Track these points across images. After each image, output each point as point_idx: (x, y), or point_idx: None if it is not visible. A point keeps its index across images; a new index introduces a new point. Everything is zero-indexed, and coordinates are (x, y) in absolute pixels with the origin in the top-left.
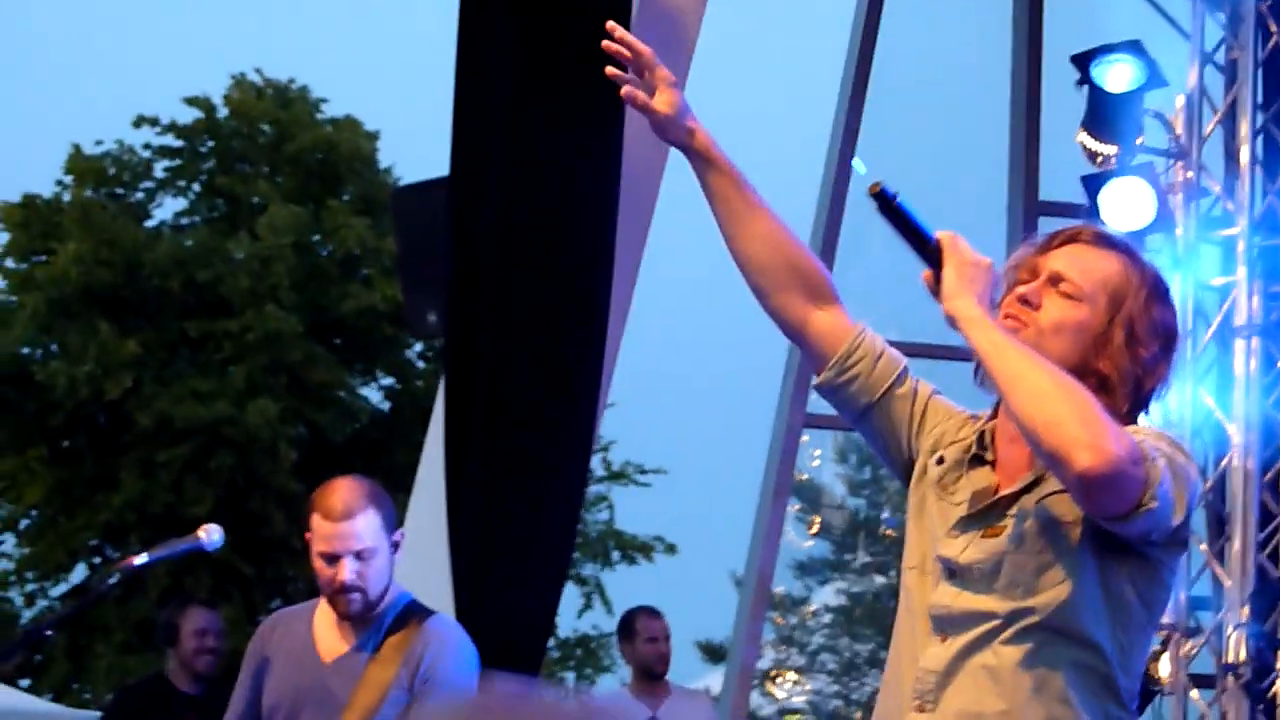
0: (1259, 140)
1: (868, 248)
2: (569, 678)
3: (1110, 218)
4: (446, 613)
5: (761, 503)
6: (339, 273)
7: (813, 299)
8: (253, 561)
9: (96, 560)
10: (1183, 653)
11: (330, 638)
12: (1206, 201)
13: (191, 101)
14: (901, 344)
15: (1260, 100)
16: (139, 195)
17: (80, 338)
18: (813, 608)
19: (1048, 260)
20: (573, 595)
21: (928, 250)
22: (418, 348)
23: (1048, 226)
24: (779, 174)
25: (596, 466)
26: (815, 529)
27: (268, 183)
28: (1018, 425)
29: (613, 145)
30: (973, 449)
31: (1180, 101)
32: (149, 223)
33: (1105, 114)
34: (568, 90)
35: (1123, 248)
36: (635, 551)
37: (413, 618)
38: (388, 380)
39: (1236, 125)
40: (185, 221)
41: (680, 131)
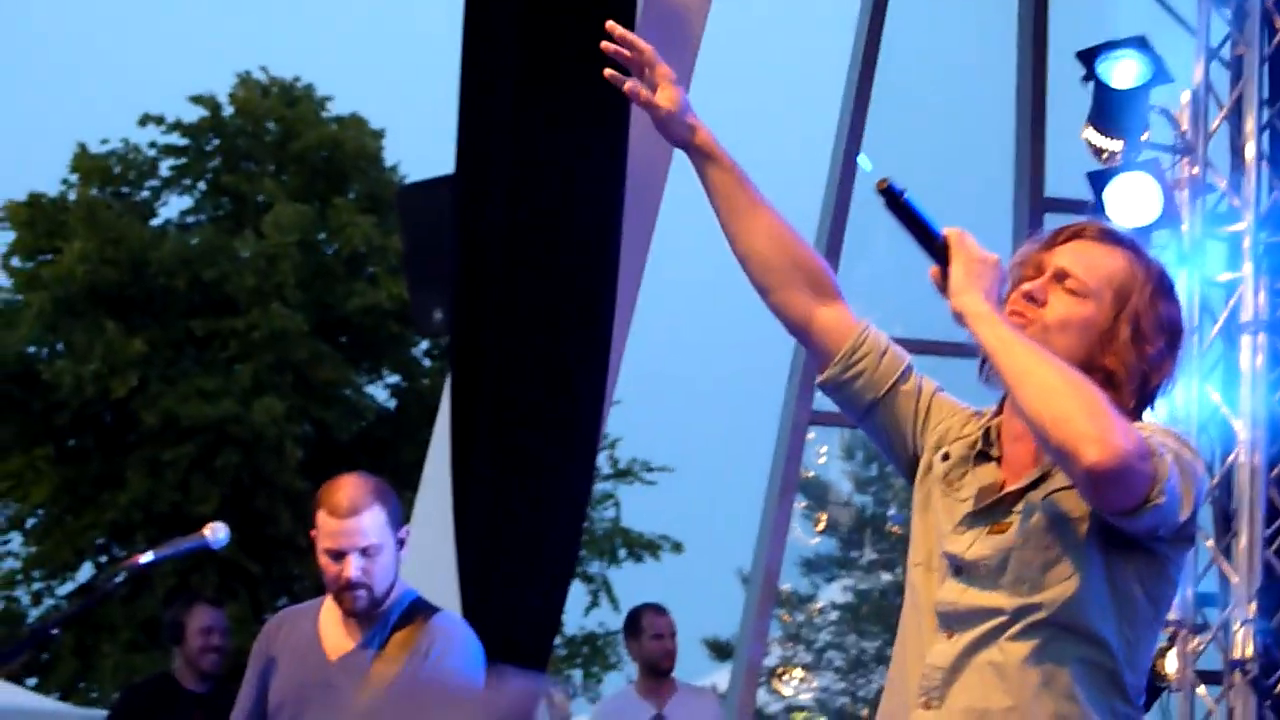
0: (1265, 136)
1: (873, 244)
2: (576, 675)
3: (1116, 214)
4: (453, 610)
5: (768, 500)
6: (345, 271)
7: (817, 295)
8: (259, 560)
9: (103, 559)
10: (1190, 649)
11: (336, 635)
12: (1212, 197)
13: (197, 100)
14: (907, 340)
15: (1266, 96)
16: (144, 194)
17: (86, 336)
18: (819, 605)
19: (1053, 256)
20: (579, 593)
21: (935, 247)
22: (424, 346)
23: (1053, 222)
24: (783, 171)
25: (603, 464)
26: (822, 526)
27: (273, 181)
28: (1025, 420)
29: (618, 143)
30: (978, 445)
31: (1186, 97)
32: (154, 221)
33: (1111, 110)
34: (573, 88)
35: (1128, 243)
36: (642, 549)
37: (418, 614)
38: (394, 378)
39: (1242, 121)
40: (191, 220)
41: (682, 128)
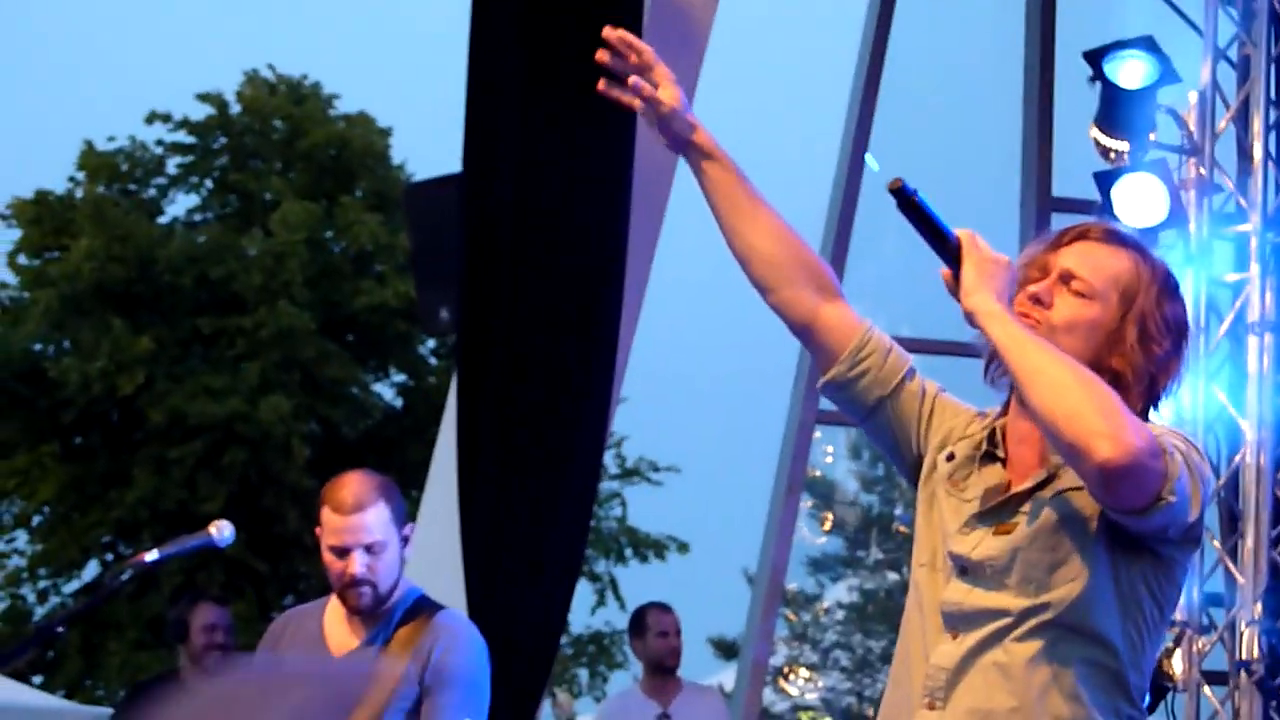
0: (1272, 136)
1: (880, 244)
2: (582, 674)
3: (1123, 214)
4: (459, 608)
5: (774, 499)
6: (352, 269)
7: (820, 293)
8: (265, 558)
9: (109, 557)
10: (1196, 650)
11: (340, 633)
12: (1219, 198)
13: (204, 98)
14: (914, 340)
15: (1273, 96)
16: (152, 191)
17: (93, 334)
18: (825, 604)
19: (1058, 258)
20: (586, 592)
21: (947, 248)
22: (430, 344)
23: (1060, 222)
24: (791, 170)
25: (610, 464)
26: (828, 525)
27: (280, 179)
28: (1037, 418)
29: (625, 142)
30: (983, 446)
31: (1193, 97)
32: (162, 219)
33: (1118, 110)
34: (580, 87)
35: (1133, 244)
36: (648, 549)
37: (422, 612)
38: (400, 377)
39: (1249, 121)
40: (198, 218)
41: (683, 126)
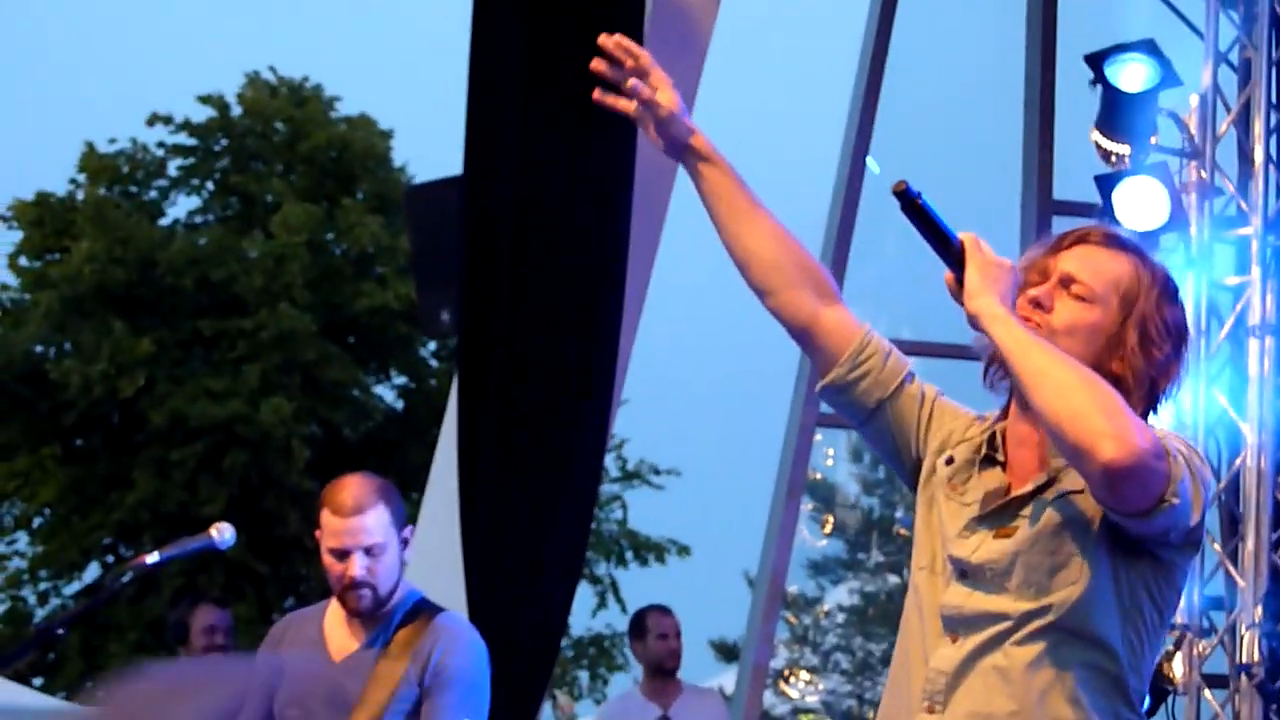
0: (1273, 139)
1: (881, 247)
2: (582, 676)
3: (1124, 217)
4: (460, 610)
5: (774, 502)
6: (353, 271)
7: (819, 297)
8: (266, 560)
9: (110, 559)
10: (1196, 653)
11: (340, 636)
12: (1220, 201)
13: (205, 100)
14: (914, 343)
15: (1275, 100)
16: (153, 193)
17: (94, 336)
18: (826, 607)
19: (1058, 261)
20: (587, 594)
21: (950, 251)
22: (431, 346)
23: (1061, 226)
24: (792, 173)
25: (611, 467)
26: (829, 528)
27: (282, 181)
28: (1040, 420)
29: (626, 142)
30: (983, 450)
31: (1194, 101)
32: (163, 221)
33: (1119, 113)
34: (580, 90)
35: (1132, 248)
36: (648, 552)
37: (422, 614)
38: (401, 379)
39: (1250, 125)
40: (199, 220)
41: (681, 130)
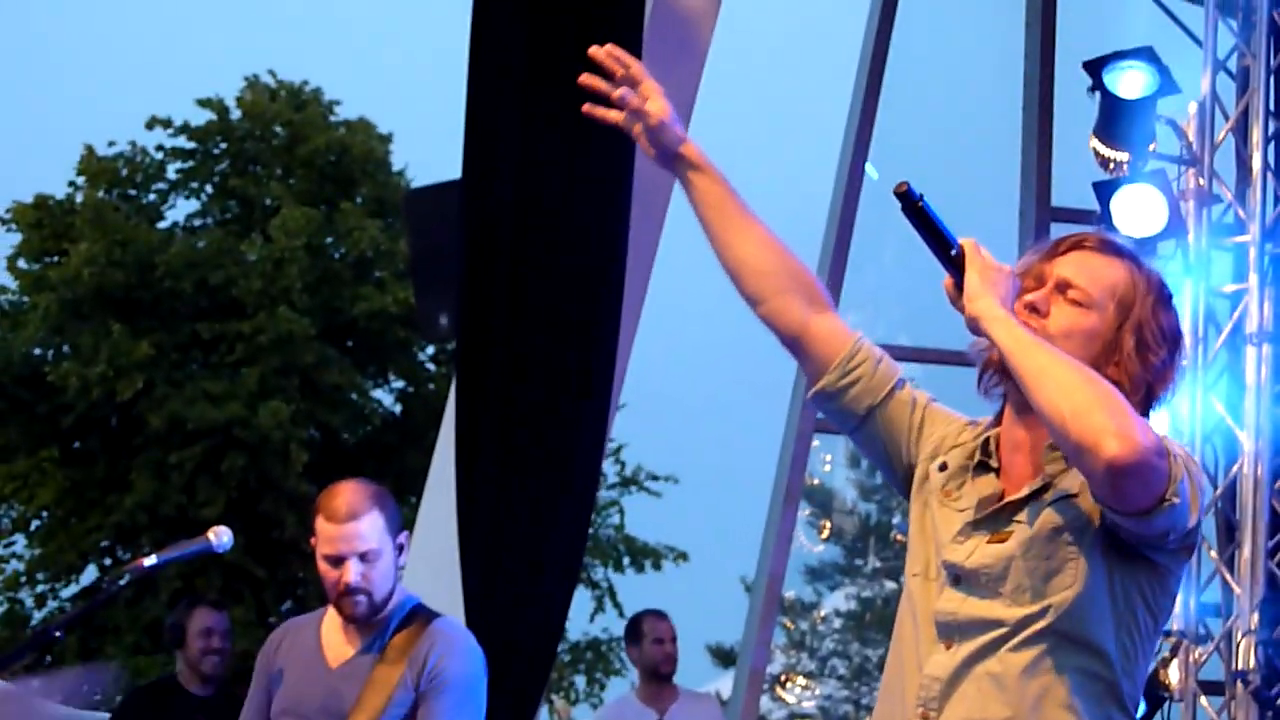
0: (1270, 147)
1: (880, 254)
2: (579, 681)
3: (1122, 224)
4: (457, 614)
5: (772, 507)
6: (351, 275)
7: (810, 305)
8: (264, 563)
9: (107, 562)
10: (1192, 659)
11: (337, 643)
12: (1218, 208)
13: (204, 103)
14: (911, 349)
15: (1272, 107)
16: (152, 197)
17: (92, 339)
18: (823, 612)
19: (1054, 267)
20: (584, 599)
21: (949, 255)
22: (430, 350)
23: (1059, 232)
24: (791, 179)
25: (609, 472)
26: (826, 534)
27: (280, 185)
28: (1043, 418)
29: (625, 142)
30: (977, 456)
31: (1192, 108)
32: (162, 224)
33: (1117, 120)
34: (580, 93)
35: (1128, 254)
36: (646, 559)
37: (419, 620)
38: (400, 383)
39: (1248, 132)
40: (198, 223)
41: (671, 139)
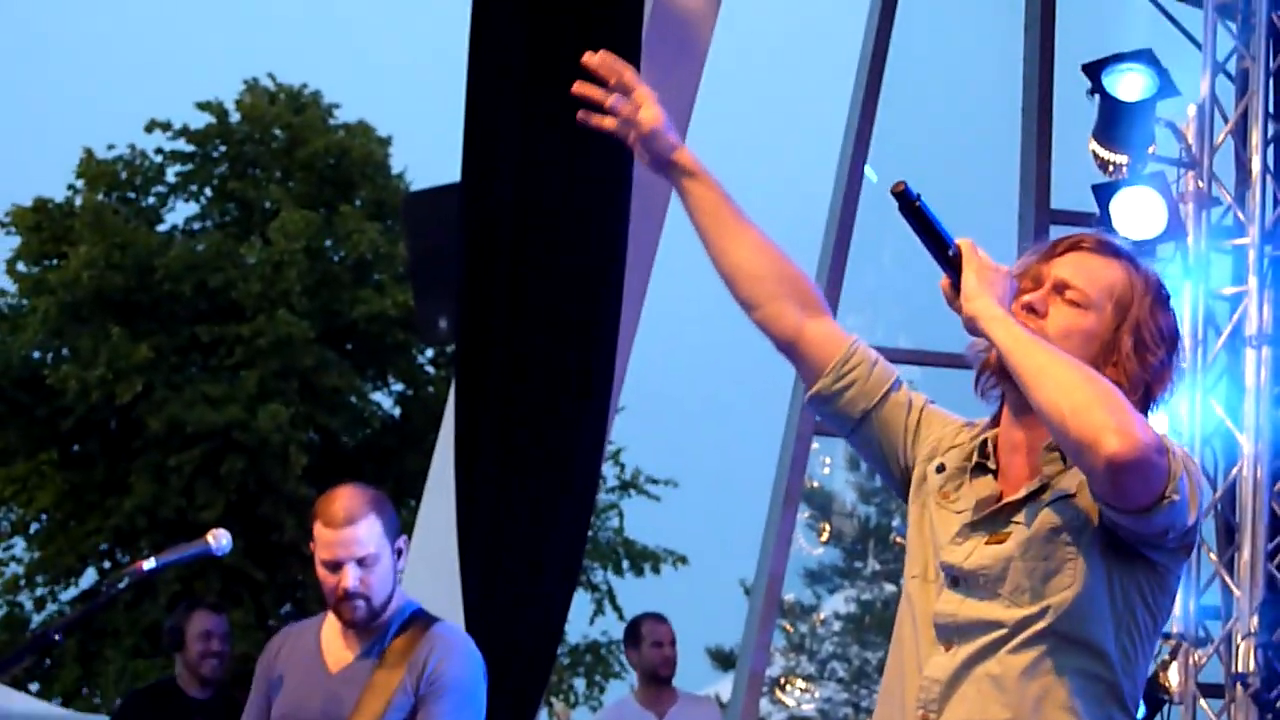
0: (1270, 150)
1: (879, 256)
2: (579, 684)
3: (1121, 227)
4: (456, 617)
5: (771, 510)
6: (351, 278)
7: (804, 309)
8: (263, 566)
9: (107, 565)
10: (1192, 662)
11: (337, 648)
12: (1218, 211)
13: (204, 106)
14: (911, 351)
15: (1272, 110)
16: (151, 200)
17: (92, 342)
18: (823, 615)
19: (1052, 268)
20: (584, 601)
21: (946, 255)
22: (429, 353)
23: (1059, 235)
24: (790, 181)
25: (608, 475)
26: (826, 536)
27: (280, 188)
28: (1043, 416)
29: (625, 147)
30: (974, 457)
31: (1192, 111)
32: (161, 227)
33: (1117, 123)
34: (579, 96)
35: (1125, 255)
36: (645, 562)
37: (418, 624)
38: (399, 386)
39: (1248, 135)
40: (197, 226)
41: (664, 146)
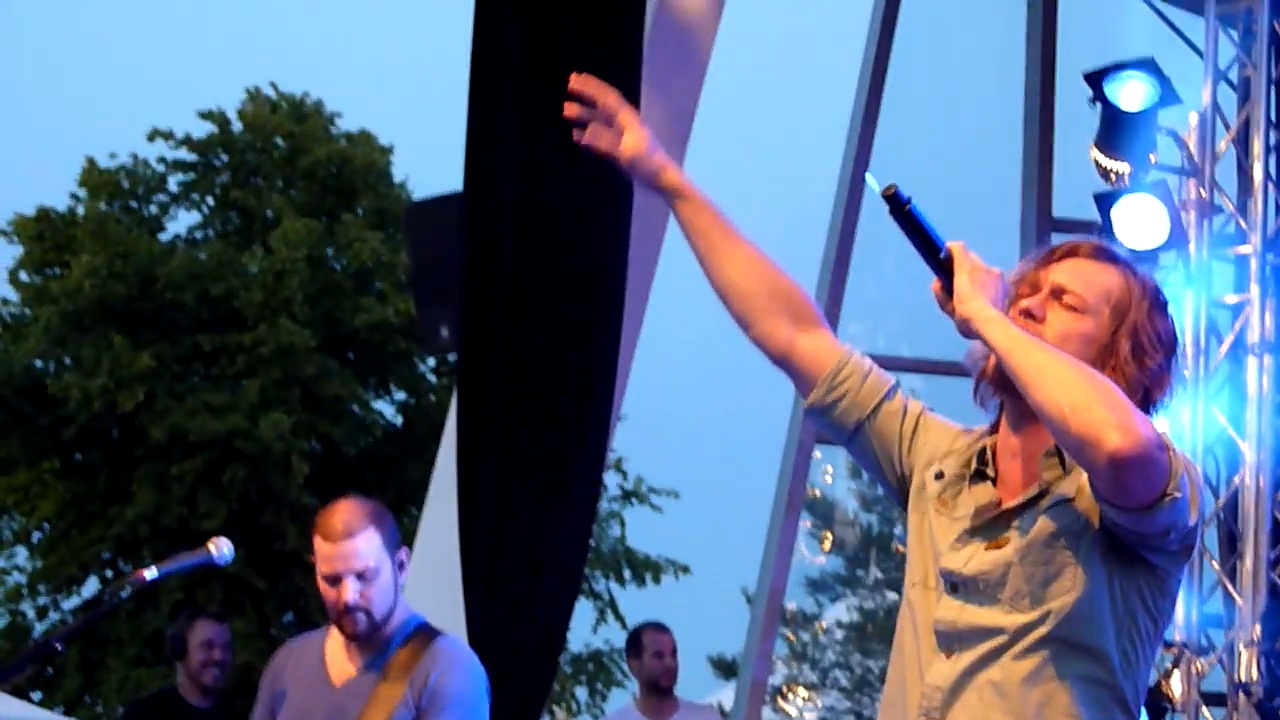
0: (1272, 158)
1: (881, 264)
2: (581, 693)
3: (1123, 235)
4: (459, 625)
5: (773, 519)
6: (352, 286)
7: (797, 324)
8: (265, 575)
9: (109, 573)
10: (1195, 671)
11: (340, 661)
12: (1219, 219)
13: (206, 115)
14: (913, 359)
15: (1273, 118)
16: (153, 209)
17: (94, 351)
18: (825, 624)
19: (1049, 274)
20: (586, 610)
21: (937, 259)
22: (431, 362)
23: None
24: (791, 189)
25: (610, 485)
26: (828, 545)
27: (281, 196)
28: (1042, 415)
29: None
30: (973, 464)
31: (1193, 119)
32: (163, 236)
33: (1118, 131)
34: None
35: (1122, 261)
36: (647, 572)
37: (421, 637)
38: (401, 394)
39: (1249, 143)
40: (199, 235)
41: (649, 171)
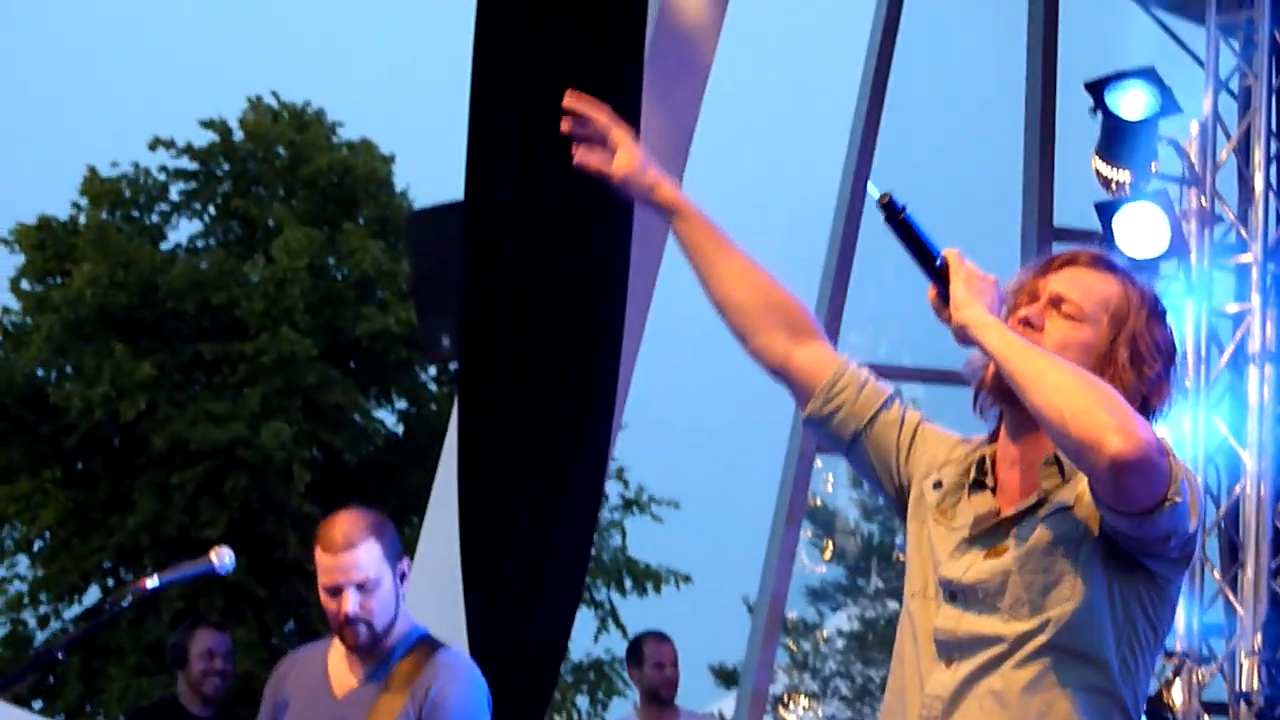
0: (1273, 167)
1: (882, 273)
2: (582, 702)
3: (1124, 244)
4: (460, 633)
5: (774, 528)
6: (354, 295)
7: (793, 336)
8: (266, 584)
9: (110, 582)
10: (1196, 680)
11: (342, 672)
12: (1220, 228)
13: (207, 124)
14: (914, 368)
15: (1274, 127)
16: (154, 218)
17: (95, 360)
18: (826, 633)
19: (1047, 283)
20: (587, 619)
21: (933, 266)
22: (432, 371)
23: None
24: (793, 199)
25: (612, 494)
26: (829, 554)
27: (283, 205)
28: (1042, 420)
29: None
30: (972, 474)
31: (1194, 128)
32: (164, 245)
33: (1119, 140)
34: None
35: (1120, 270)
36: (648, 581)
37: (423, 649)
38: (402, 403)
39: (1250, 152)
40: (200, 244)
41: (643, 188)
